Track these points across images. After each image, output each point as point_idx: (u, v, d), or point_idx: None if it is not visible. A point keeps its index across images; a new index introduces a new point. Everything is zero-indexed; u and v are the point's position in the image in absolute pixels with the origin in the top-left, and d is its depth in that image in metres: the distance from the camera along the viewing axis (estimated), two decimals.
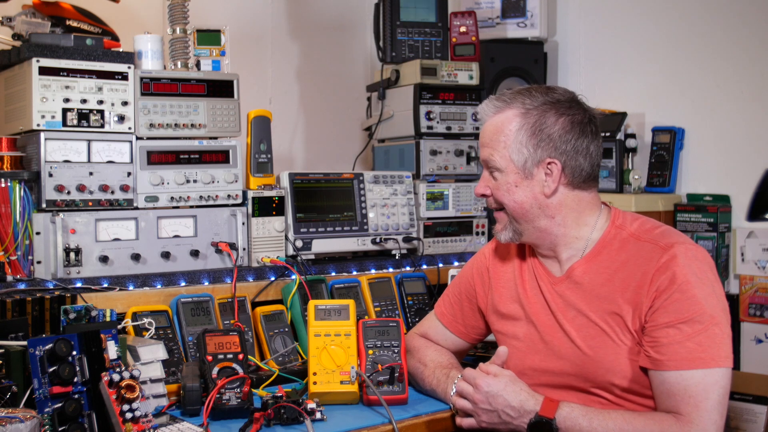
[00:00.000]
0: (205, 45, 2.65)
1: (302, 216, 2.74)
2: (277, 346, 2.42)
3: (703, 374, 1.73)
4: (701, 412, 1.71)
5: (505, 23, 3.41)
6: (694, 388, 1.73)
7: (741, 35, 2.96)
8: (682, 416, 1.73)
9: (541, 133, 1.90)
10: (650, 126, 3.16)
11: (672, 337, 1.76)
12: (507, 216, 1.99)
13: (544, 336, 1.98)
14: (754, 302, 2.86)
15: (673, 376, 1.75)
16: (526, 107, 1.93)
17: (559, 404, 1.82)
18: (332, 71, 3.75)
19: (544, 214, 1.94)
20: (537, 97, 1.94)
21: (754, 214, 2.12)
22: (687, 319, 1.76)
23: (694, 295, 1.77)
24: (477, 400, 1.90)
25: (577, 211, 1.95)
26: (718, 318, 1.77)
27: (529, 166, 1.91)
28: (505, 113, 1.94)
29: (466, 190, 3.14)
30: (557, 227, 1.95)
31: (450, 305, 2.25)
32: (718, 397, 1.73)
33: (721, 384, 1.74)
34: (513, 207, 1.95)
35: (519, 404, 1.85)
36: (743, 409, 2.78)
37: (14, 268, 2.27)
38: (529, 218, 1.95)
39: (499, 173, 1.95)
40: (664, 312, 1.79)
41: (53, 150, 2.33)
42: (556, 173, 1.91)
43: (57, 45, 2.36)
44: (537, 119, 1.91)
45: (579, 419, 1.79)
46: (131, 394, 1.69)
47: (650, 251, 1.85)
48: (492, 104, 1.98)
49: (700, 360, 1.74)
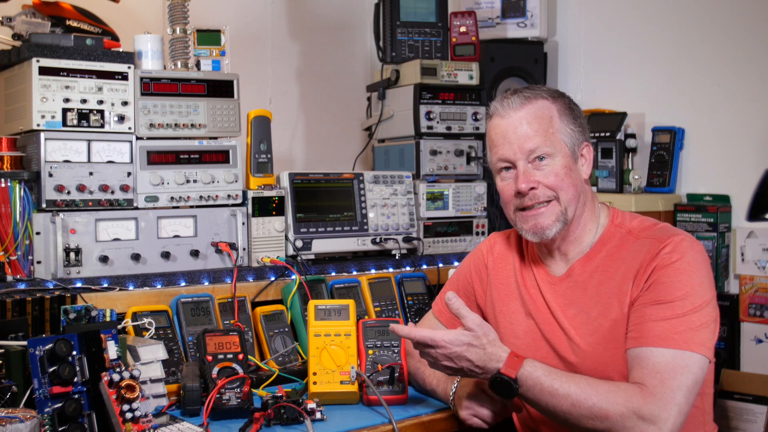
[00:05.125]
0: (205, 45, 2.65)
1: (302, 216, 2.74)
2: (277, 346, 2.42)
3: (673, 354, 1.71)
4: (666, 388, 1.68)
5: (505, 23, 3.41)
6: (662, 365, 1.70)
7: (741, 35, 2.96)
8: (647, 387, 1.69)
9: (578, 117, 1.94)
10: (650, 126, 3.16)
11: (649, 316, 1.76)
12: (560, 205, 1.91)
13: (544, 334, 1.97)
14: (754, 302, 2.86)
15: (644, 351, 1.74)
16: (552, 96, 1.94)
17: (523, 361, 1.77)
18: (332, 71, 3.75)
19: (581, 201, 1.95)
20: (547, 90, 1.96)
21: (754, 214, 2.12)
22: (668, 301, 1.76)
23: (681, 280, 1.78)
24: (439, 358, 1.83)
25: (592, 201, 1.98)
26: (701, 307, 1.75)
27: (576, 148, 1.93)
28: (537, 102, 1.92)
29: (466, 190, 3.14)
30: (583, 218, 1.96)
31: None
32: (686, 381, 1.69)
33: (691, 370, 1.70)
34: (570, 191, 1.90)
35: (482, 363, 1.79)
36: (743, 409, 2.77)
37: (14, 268, 2.27)
38: (576, 204, 1.93)
39: (549, 159, 1.90)
40: (649, 292, 1.80)
41: (53, 150, 2.33)
42: (589, 157, 1.95)
43: (57, 45, 2.36)
44: (568, 104, 1.94)
45: (541, 377, 1.75)
46: (131, 394, 1.69)
47: (648, 245, 1.86)
48: (517, 97, 1.93)
49: (672, 340, 1.72)
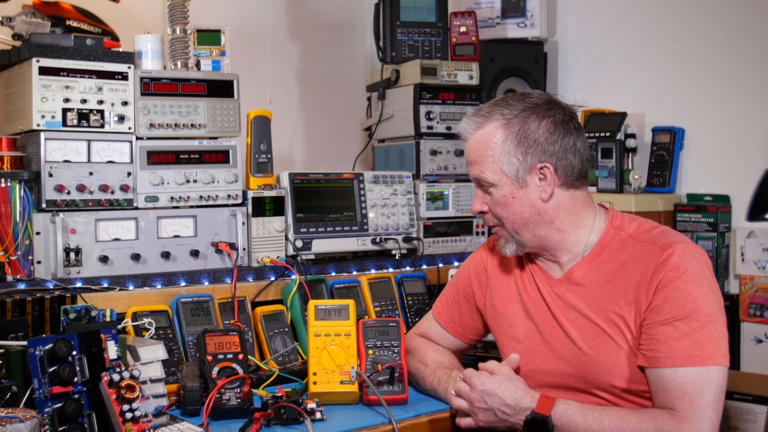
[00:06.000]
0: (205, 45, 2.65)
1: (302, 216, 2.74)
2: (277, 346, 2.42)
3: (698, 372, 1.73)
4: (696, 409, 1.71)
5: (505, 23, 3.41)
6: (689, 385, 1.73)
7: (741, 35, 2.96)
8: (677, 412, 1.72)
9: (527, 139, 1.90)
10: (650, 126, 3.16)
11: (668, 335, 1.76)
12: (506, 230, 1.98)
13: (545, 337, 1.97)
14: (754, 302, 2.86)
15: (668, 373, 1.75)
16: (506, 117, 1.92)
17: (555, 401, 1.82)
18: (332, 71, 3.75)
19: (542, 221, 1.94)
20: (514, 105, 1.94)
21: (754, 214, 2.12)
22: (683, 317, 1.76)
23: (691, 293, 1.78)
24: (473, 398, 1.90)
25: (573, 212, 1.95)
26: (715, 316, 1.77)
27: (522, 174, 1.91)
28: (486, 127, 1.94)
29: (466, 190, 3.14)
30: (556, 232, 1.95)
31: (447, 306, 2.25)
32: (713, 395, 1.72)
33: (716, 382, 1.73)
34: (513, 219, 1.95)
35: (514, 402, 1.84)
36: (743, 409, 2.77)
37: (14, 268, 2.27)
38: (529, 227, 1.95)
39: (493, 188, 1.94)
40: (660, 309, 1.79)
41: (53, 150, 2.33)
42: (550, 176, 1.91)
43: (57, 45, 2.36)
44: (520, 127, 1.91)
45: (575, 416, 1.79)
46: (131, 394, 1.69)
47: (649, 251, 1.85)
48: (471, 121, 1.97)
49: (695, 357, 1.73)
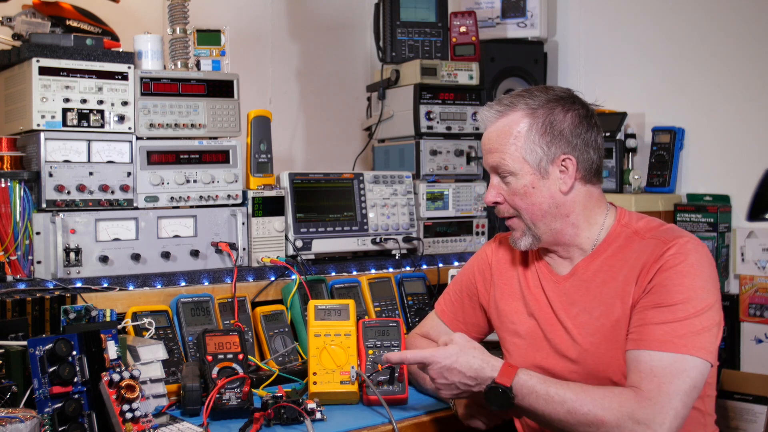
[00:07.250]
0: (205, 45, 2.65)
1: (302, 216, 2.74)
2: (277, 346, 2.42)
3: (672, 358, 1.69)
4: (662, 393, 1.66)
5: (505, 23, 3.41)
6: (660, 369, 1.69)
7: (741, 35, 2.96)
8: (642, 392, 1.68)
9: (553, 129, 1.89)
10: (650, 126, 3.16)
11: (650, 319, 1.75)
12: (523, 222, 1.95)
13: (546, 333, 1.97)
14: (754, 302, 2.86)
15: (643, 355, 1.72)
16: (531, 107, 1.92)
17: (518, 370, 1.78)
18: (332, 71, 3.75)
19: (559, 213, 1.92)
20: (539, 96, 1.93)
21: (754, 214, 2.11)
22: (671, 304, 1.74)
23: (683, 282, 1.76)
24: (434, 376, 1.85)
25: (588, 208, 1.95)
26: (703, 310, 1.74)
27: (545, 164, 1.90)
28: (510, 116, 1.92)
29: (466, 190, 3.14)
30: (570, 227, 1.94)
31: (451, 303, 2.25)
32: (684, 385, 1.67)
33: (690, 374, 1.68)
34: (531, 210, 1.92)
35: (474, 373, 1.80)
36: (743, 409, 2.77)
37: (14, 268, 2.27)
38: (546, 219, 1.92)
39: (512, 177, 1.92)
40: (651, 294, 1.78)
41: (53, 150, 2.33)
42: (571, 169, 1.90)
43: (57, 45, 2.36)
44: (546, 117, 1.90)
45: (537, 386, 1.75)
46: (131, 394, 1.69)
47: (653, 246, 1.85)
48: (494, 109, 1.95)
49: (671, 344, 1.70)
